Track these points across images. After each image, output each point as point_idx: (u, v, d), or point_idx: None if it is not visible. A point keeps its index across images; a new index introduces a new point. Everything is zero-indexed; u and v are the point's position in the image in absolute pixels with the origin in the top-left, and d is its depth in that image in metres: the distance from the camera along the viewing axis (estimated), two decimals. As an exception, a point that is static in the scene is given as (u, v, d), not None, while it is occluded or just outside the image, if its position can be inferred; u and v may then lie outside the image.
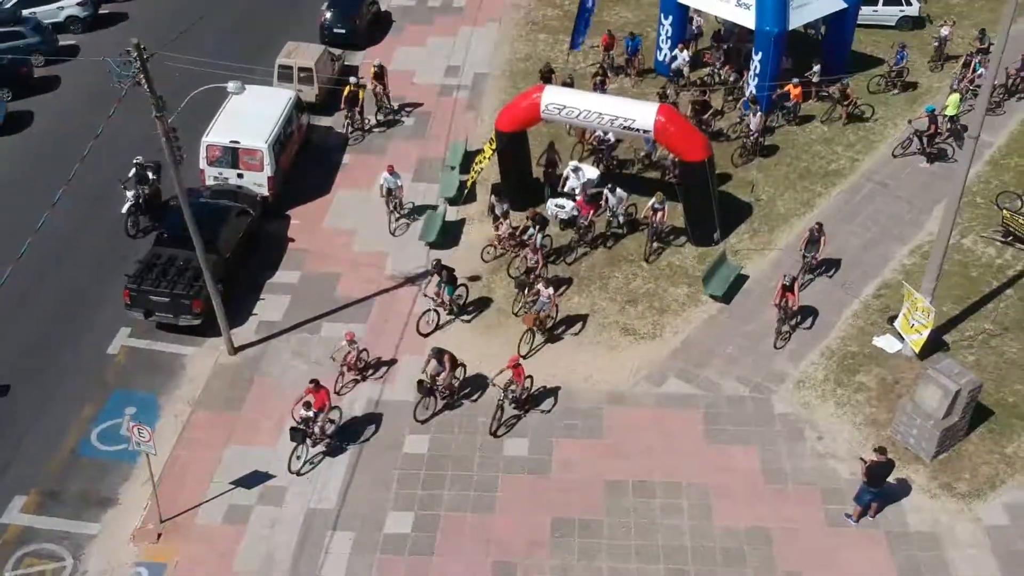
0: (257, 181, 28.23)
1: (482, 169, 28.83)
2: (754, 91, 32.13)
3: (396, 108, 33.56)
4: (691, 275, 26.46)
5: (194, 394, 23.17)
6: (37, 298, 25.32)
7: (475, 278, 26.25)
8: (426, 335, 24.53)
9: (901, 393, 22.43)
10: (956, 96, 31.81)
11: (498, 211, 27.08)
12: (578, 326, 24.99)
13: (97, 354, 24.12)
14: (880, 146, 31.61)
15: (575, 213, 27.35)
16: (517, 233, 26.80)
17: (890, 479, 20.45)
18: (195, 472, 21.25)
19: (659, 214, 26.55)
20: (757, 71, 32.33)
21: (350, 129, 32.23)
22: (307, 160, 30.79)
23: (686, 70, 33.90)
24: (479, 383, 23.24)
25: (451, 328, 24.96)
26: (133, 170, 27.78)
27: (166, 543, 19.86)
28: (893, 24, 37.83)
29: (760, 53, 32.08)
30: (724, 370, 23.62)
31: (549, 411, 22.59)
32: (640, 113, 26.05)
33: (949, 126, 30.95)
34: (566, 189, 28.34)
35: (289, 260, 27.24)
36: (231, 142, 28.03)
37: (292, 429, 21.05)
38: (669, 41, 34.65)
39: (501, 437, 21.94)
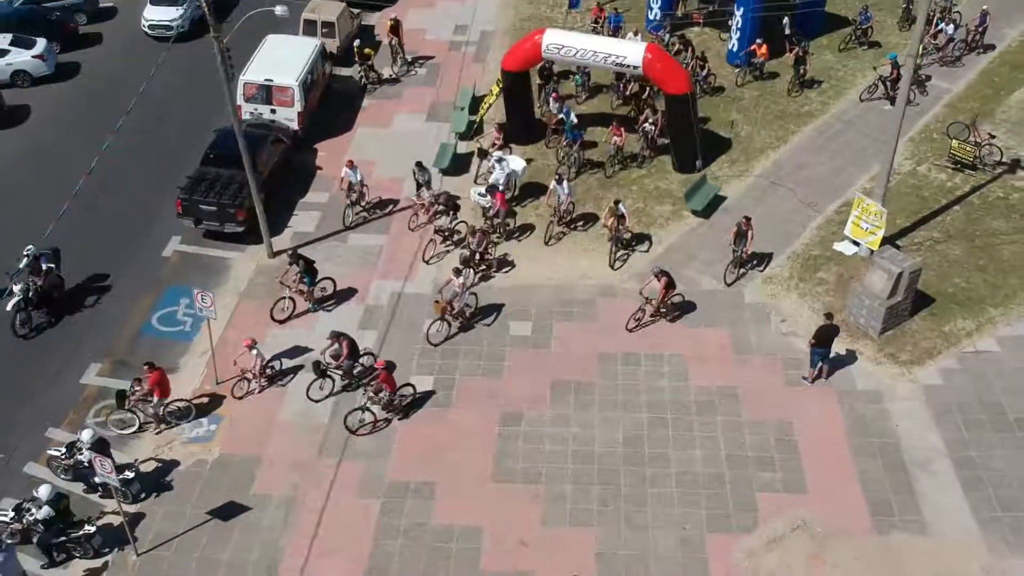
0: (288, 116, 31.60)
1: (489, 107, 32.16)
2: (735, 46, 35.40)
3: (410, 60, 36.88)
4: (675, 196, 29.78)
5: (239, 288, 26.55)
6: (102, 209, 28.52)
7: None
8: (281, 322, 25.17)
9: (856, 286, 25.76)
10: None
11: (420, 179, 28.42)
12: (576, 236, 28.32)
13: (153, 257, 27.54)
14: (849, 92, 34.95)
15: (492, 203, 27.46)
16: (431, 206, 27.97)
17: (842, 351, 23.88)
18: (243, 348, 24.46)
19: (618, 221, 26.69)
20: (739, 26, 35.69)
21: (364, 81, 35.51)
22: (331, 104, 34.16)
23: None
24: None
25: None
26: (24, 260, 24.69)
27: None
28: (866, -11, 41.06)
29: (742, 8, 35.40)
30: (702, 270, 26.95)
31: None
32: (630, 50, 29.38)
33: (911, 73, 34.13)
34: (490, 180, 28.47)
35: (318, 184, 30.65)
36: (265, 80, 31.39)
37: (117, 392, 21.95)
38: (659, 1, 37.97)
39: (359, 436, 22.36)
